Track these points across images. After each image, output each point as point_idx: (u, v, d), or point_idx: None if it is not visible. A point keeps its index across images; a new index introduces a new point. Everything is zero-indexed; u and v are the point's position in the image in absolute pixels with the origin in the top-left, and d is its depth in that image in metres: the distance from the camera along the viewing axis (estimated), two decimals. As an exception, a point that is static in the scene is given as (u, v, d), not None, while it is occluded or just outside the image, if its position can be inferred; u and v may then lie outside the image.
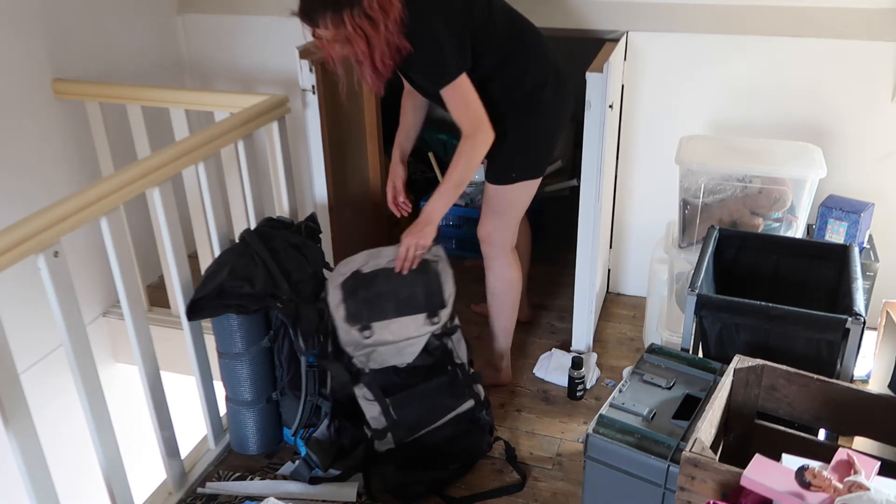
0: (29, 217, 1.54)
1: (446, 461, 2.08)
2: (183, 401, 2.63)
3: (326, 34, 1.79)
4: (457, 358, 2.08)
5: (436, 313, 2.03)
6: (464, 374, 2.08)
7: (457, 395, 2.05)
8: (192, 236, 2.65)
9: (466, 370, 2.09)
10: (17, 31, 2.43)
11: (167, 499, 2.05)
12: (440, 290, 2.05)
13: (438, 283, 2.05)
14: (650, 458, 1.54)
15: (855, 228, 2.29)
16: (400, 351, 2.01)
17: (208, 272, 2.02)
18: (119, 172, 1.80)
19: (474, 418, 2.09)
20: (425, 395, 2.02)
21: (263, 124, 2.28)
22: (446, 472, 2.08)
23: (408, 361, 2.02)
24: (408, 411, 2.01)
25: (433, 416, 2.04)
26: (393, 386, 2.01)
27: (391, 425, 1.99)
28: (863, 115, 2.45)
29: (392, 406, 1.99)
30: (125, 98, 2.54)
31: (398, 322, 2.00)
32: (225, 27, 3.04)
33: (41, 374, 2.60)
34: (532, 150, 2.12)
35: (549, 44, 2.09)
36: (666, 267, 2.48)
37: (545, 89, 2.03)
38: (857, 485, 1.22)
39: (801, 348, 1.76)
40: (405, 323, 2.01)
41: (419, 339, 2.01)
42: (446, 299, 2.04)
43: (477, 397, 2.09)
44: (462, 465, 2.11)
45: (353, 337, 1.99)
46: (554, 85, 2.05)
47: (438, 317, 2.03)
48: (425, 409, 2.03)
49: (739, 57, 2.50)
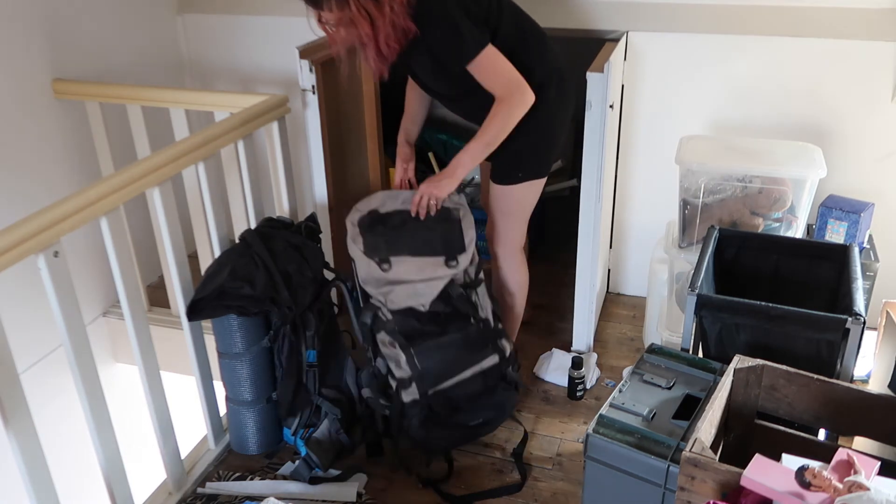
0: (29, 217, 1.54)
1: (469, 417, 2.08)
2: (183, 401, 2.63)
3: (331, 17, 1.80)
4: (481, 311, 2.06)
5: (454, 258, 2.00)
6: (487, 328, 2.06)
7: (480, 350, 2.04)
8: (192, 236, 2.65)
9: (491, 325, 2.08)
10: (17, 31, 2.43)
11: (167, 499, 2.05)
12: (460, 237, 2.02)
13: (459, 230, 2.03)
14: (650, 458, 1.54)
15: (855, 228, 2.29)
16: (417, 292, 1.99)
17: (208, 272, 2.02)
18: (119, 172, 1.80)
19: (500, 374, 2.08)
20: (447, 346, 2.01)
21: (263, 124, 2.28)
22: (468, 429, 2.08)
23: (424, 304, 1.98)
24: (430, 361, 1.99)
25: (455, 369, 2.02)
26: (414, 332, 2.00)
27: (415, 375, 1.99)
28: (863, 115, 2.45)
29: (416, 355, 1.98)
30: (125, 98, 2.54)
31: (415, 261, 1.98)
32: (225, 27, 3.04)
33: (41, 374, 2.60)
34: (536, 150, 2.12)
35: (552, 44, 2.09)
36: (666, 267, 2.48)
37: (548, 89, 2.03)
38: (857, 485, 1.22)
39: (801, 348, 1.76)
40: (422, 263, 1.98)
41: (436, 282, 1.98)
42: (466, 244, 2.02)
43: (502, 353, 2.07)
44: (485, 423, 2.11)
45: (373, 271, 1.98)
46: (557, 85, 2.05)
47: (457, 262, 2.00)
48: (448, 361, 2.01)
49: (739, 57, 2.50)
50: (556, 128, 2.13)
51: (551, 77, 2.04)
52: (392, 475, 2.12)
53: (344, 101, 2.72)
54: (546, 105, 2.04)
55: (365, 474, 2.11)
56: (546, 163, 2.17)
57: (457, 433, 2.10)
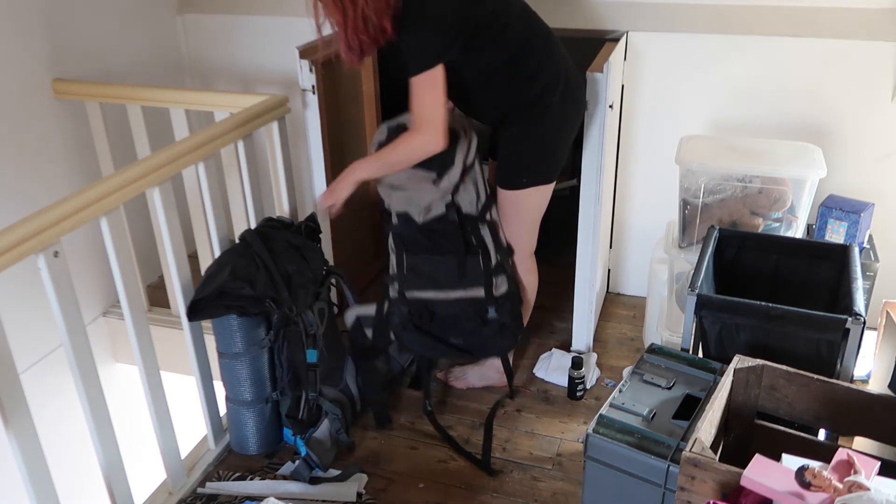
0: (29, 217, 1.54)
1: (448, 333, 2.17)
2: (183, 401, 2.63)
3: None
4: (487, 246, 2.10)
5: (441, 176, 2.00)
6: (487, 264, 2.10)
7: (470, 279, 2.09)
8: (192, 236, 2.65)
9: (491, 263, 2.11)
10: (17, 31, 2.43)
11: (167, 499, 2.05)
12: (453, 155, 2.01)
13: (454, 149, 2.02)
14: (650, 458, 1.54)
15: (855, 228, 2.29)
16: (410, 199, 2.04)
17: (209, 272, 2.02)
18: (119, 172, 1.80)
19: (482, 311, 2.13)
20: (438, 263, 2.09)
21: (263, 124, 2.28)
22: (446, 344, 2.18)
23: (417, 215, 2.04)
24: (416, 269, 2.11)
25: (441, 285, 2.11)
26: (411, 240, 2.10)
27: (399, 276, 2.14)
28: (863, 115, 2.45)
29: (406, 260, 2.11)
30: (125, 98, 2.54)
31: (410, 170, 2.02)
32: (225, 27, 3.04)
33: (41, 374, 2.60)
34: (540, 156, 2.10)
35: (563, 49, 2.06)
36: (666, 267, 2.48)
37: (553, 94, 2.00)
38: (857, 485, 1.22)
39: (801, 348, 1.76)
40: (415, 174, 2.02)
41: (424, 195, 2.02)
42: (454, 158, 2.00)
43: (489, 290, 2.11)
44: (465, 349, 2.21)
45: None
46: (563, 90, 2.02)
47: (442, 180, 2.01)
48: (435, 276, 2.11)
49: (739, 57, 2.50)
50: (561, 134, 2.11)
51: (556, 83, 2.01)
52: (392, 475, 2.12)
53: (344, 101, 2.72)
54: (549, 111, 2.03)
55: (365, 474, 2.11)
56: (552, 169, 2.14)
57: (431, 342, 2.18)
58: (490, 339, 2.20)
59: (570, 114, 2.10)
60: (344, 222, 2.80)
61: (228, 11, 3.01)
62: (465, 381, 2.46)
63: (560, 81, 2.02)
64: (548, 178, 2.13)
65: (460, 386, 2.46)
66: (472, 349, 2.23)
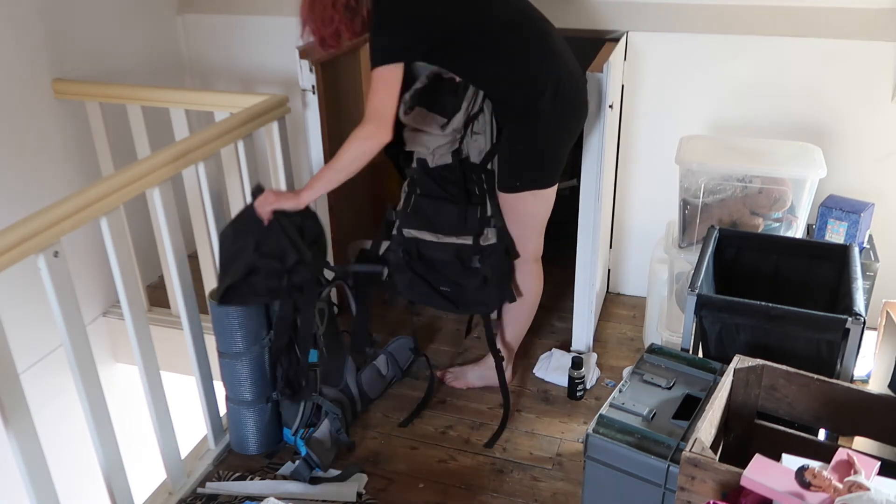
0: (29, 217, 1.54)
1: (437, 280, 2.22)
2: (183, 401, 2.63)
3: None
4: (486, 195, 2.14)
5: (449, 121, 2.08)
6: (483, 216, 2.14)
7: (464, 227, 2.13)
8: (192, 236, 2.65)
9: (487, 212, 2.14)
10: (17, 31, 2.43)
11: (167, 499, 2.05)
12: (459, 102, 2.08)
13: (461, 99, 2.09)
14: (650, 458, 1.54)
15: (855, 228, 2.29)
16: (423, 142, 2.14)
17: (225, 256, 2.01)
18: (119, 172, 1.80)
19: (466, 258, 2.16)
20: (440, 207, 2.14)
21: (263, 124, 2.28)
22: (434, 289, 2.22)
23: (429, 158, 2.13)
24: (420, 210, 2.16)
25: (438, 228, 2.16)
26: (422, 182, 2.17)
27: (403, 215, 2.19)
28: (863, 115, 2.45)
29: (413, 200, 2.17)
30: (125, 98, 2.54)
31: (425, 112, 2.13)
32: (225, 27, 3.04)
33: (41, 374, 2.60)
34: (533, 161, 2.08)
35: (563, 54, 2.03)
36: (666, 267, 2.48)
37: (541, 100, 1.98)
38: (857, 485, 1.22)
39: (801, 348, 1.76)
40: (428, 117, 2.12)
41: (434, 138, 2.11)
42: (461, 105, 2.07)
43: (476, 239, 2.15)
44: (450, 299, 2.24)
45: (401, 115, 2.14)
46: (555, 97, 1.99)
47: (450, 124, 2.07)
48: (432, 219, 2.15)
49: (739, 57, 2.50)
50: (555, 140, 2.08)
51: (545, 89, 1.97)
52: (392, 475, 2.12)
53: (344, 101, 2.72)
54: (540, 117, 2.00)
55: (365, 474, 2.11)
56: (547, 175, 2.11)
57: (422, 287, 2.22)
58: (473, 292, 2.22)
59: (566, 120, 2.07)
60: (344, 222, 2.80)
61: (228, 11, 3.01)
62: (465, 381, 2.46)
63: (553, 88, 1.98)
64: (543, 183, 2.11)
65: (459, 386, 2.46)
66: (457, 301, 2.23)
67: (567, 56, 2.05)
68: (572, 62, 2.06)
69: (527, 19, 2.01)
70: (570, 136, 2.12)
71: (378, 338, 2.54)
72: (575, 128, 2.13)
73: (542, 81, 1.98)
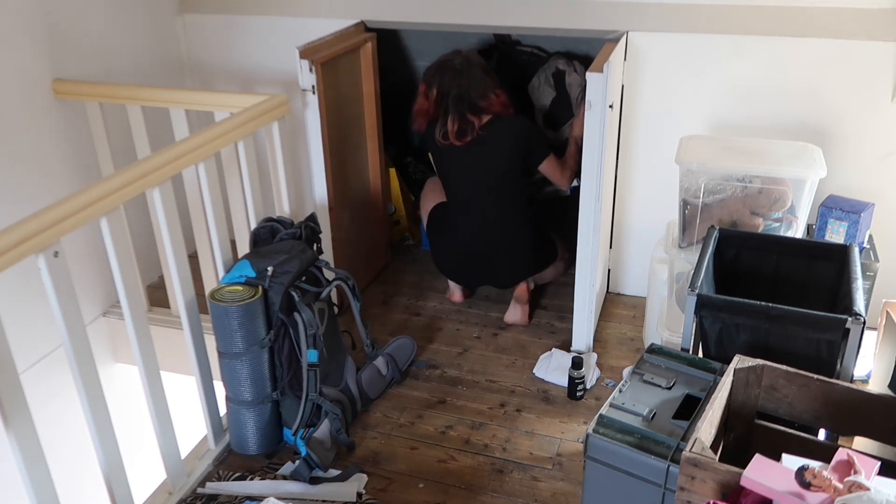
0: (29, 217, 1.54)
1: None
2: (183, 401, 2.63)
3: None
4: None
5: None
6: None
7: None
8: (192, 236, 2.65)
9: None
10: (17, 31, 2.43)
11: (167, 499, 2.05)
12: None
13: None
14: (650, 458, 1.54)
15: (855, 228, 2.29)
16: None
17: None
18: (119, 172, 1.80)
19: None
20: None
21: (263, 124, 2.28)
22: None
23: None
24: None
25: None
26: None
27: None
28: (863, 115, 2.45)
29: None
30: (125, 98, 2.54)
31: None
32: (225, 27, 3.04)
33: (41, 374, 2.60)
34: None
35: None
36: (666, 267, 2.48)
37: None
38: (857, 485, 1.22)
39: (801, 348, 1.76)
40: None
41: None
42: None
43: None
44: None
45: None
46: None
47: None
48: None
49: (739, 57, 2.50)
50: None
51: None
52: (392, 475, 2.12)
53: (344, 101, 2.72)
54: None
55: (365, 474, 2.11)
56: None
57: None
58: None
59: None
60: (344, 222, 2.80)
61: (228, 11, 3.01)
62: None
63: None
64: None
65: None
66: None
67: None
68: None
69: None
70: None
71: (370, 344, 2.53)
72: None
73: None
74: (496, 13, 2.70)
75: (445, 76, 2.53)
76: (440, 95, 2.53)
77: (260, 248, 2.20)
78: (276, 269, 2.06)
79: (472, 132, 2.52)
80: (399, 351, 2.52)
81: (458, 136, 2.53)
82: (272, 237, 2.24)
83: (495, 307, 2.90)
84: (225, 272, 2.14)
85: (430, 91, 2.55)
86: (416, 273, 3.18)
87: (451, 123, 2.52)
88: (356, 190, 2.92)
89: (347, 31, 2.73)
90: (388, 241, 3.25)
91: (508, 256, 2.69)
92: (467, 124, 2.52)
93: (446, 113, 2.53)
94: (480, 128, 2.53)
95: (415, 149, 3.60)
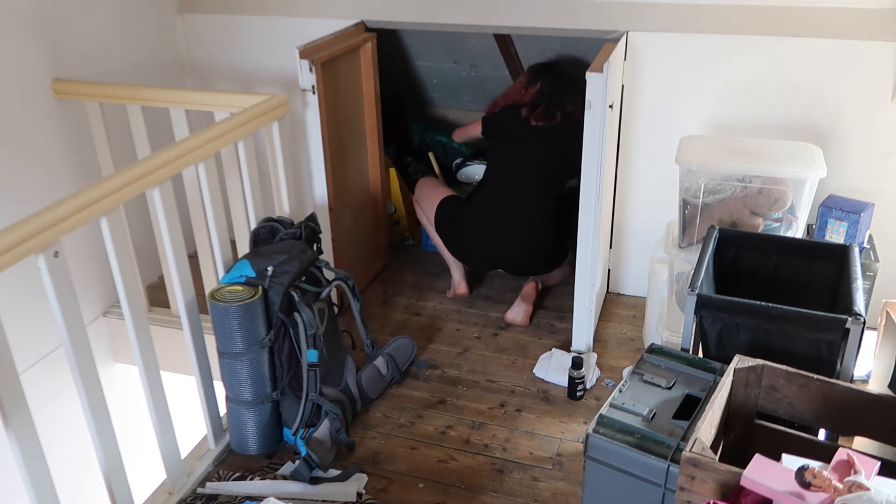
0: (29, 217, 1.54)
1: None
2: (183, 401, 2.63)
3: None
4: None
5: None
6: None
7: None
8: (192, 236, 2.65)
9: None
10: (17, 31, 2.43)
11: (167, 499, 2.05)
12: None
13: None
14: (650, 458, 1.54)
15: (855, 228, 2.29)
16: None
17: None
18: (119, 172, 1.80)
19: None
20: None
21: (263, 124, 2.28)
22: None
23: None
24: None
25: None
26: None
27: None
28: (863, 115, 2.45)
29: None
30: (125, 98, 2.54)
31: None
32: (225, 27, 3.04)
33: (41, 374, 2.60)
34: None
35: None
36: (666, 267, 2.48)
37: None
38: (857, 485, 1.22)
39: (801, 348, 1.76)
40: None
41: None
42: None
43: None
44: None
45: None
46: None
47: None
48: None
49: (739, 57, 2.50)
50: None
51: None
52: (392, 475, 2.12)
53: (344, 101, 2.72)
54: None
55: (365, 474, 2.11)
56: None
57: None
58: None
59: None
60: (344, 222, 2.80)
61: (228, 11, 3.01)
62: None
63: None
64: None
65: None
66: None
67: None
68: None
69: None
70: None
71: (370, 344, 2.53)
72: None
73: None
74: (496, 13, 2.70)
75: (551, 76, 2.85)
76: (540, 91, 2.81)
77: (260, 248, 2.20)
78: (276, 269, 2.06)
79: (553, 119, 2.77)
80: (399, 351, 2.52)
81: (539, 118, 2.76)
82: (272, 237, 2.24)
83: (495, 307, 2.90)
84: (225, 272, 2.14)
85: (531, 85, 2.84)
86: (416, 273, 3.18)
87: (541, 108, 2.77)
88: (356, 190, 2.92)
89: (347, 31, 2.73)
90: (388, 241, 3.25)
91: (531, 241, 2.76)
92: (552, 115, 2.76)
93: (538, 103, 2.79)
94: (560, 121, 2.77)
95: (414, 149, 3.60)
